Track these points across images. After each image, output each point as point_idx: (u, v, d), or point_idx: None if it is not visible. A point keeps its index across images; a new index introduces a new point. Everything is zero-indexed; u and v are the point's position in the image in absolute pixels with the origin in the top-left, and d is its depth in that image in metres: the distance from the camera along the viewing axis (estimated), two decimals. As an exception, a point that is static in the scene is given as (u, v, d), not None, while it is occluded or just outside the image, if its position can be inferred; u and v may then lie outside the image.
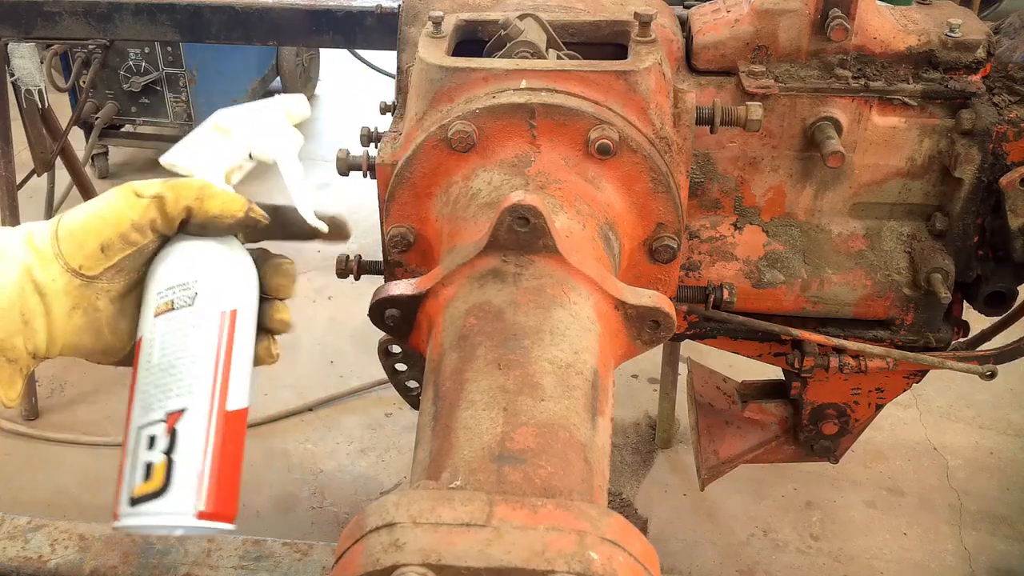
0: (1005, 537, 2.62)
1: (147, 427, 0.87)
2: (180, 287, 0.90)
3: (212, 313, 0.90)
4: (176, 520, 0.85)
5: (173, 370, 0.88)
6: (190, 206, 0.89)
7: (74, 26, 2.17)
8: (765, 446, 1.79)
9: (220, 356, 0.90)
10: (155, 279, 0.91)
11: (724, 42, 1.47)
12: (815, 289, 1.52)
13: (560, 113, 1.19)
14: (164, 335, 0.89)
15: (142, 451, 0.86)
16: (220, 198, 0.90)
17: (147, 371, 0.89)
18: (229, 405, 0.89)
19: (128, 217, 0.88)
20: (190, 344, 0.89)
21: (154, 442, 0.86)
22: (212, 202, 0.90)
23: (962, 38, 1.44)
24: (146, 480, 0.85)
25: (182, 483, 0.85)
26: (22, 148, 3.13)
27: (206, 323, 0.90)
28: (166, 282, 0.90)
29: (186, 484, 0.85)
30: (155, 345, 0.89)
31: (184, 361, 0.88)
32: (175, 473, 0.85)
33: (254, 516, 2.62)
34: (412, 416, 2.94)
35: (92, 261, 0.88)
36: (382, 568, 0.69)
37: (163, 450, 0.86)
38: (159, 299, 0.90)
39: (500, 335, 0.94)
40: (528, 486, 0.79)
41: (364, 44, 2.19)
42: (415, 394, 1.59)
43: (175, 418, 0.87)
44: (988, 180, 1.45)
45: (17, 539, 1.57)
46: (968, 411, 3.07)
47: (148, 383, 0.89)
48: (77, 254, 0.88)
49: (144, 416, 0.88)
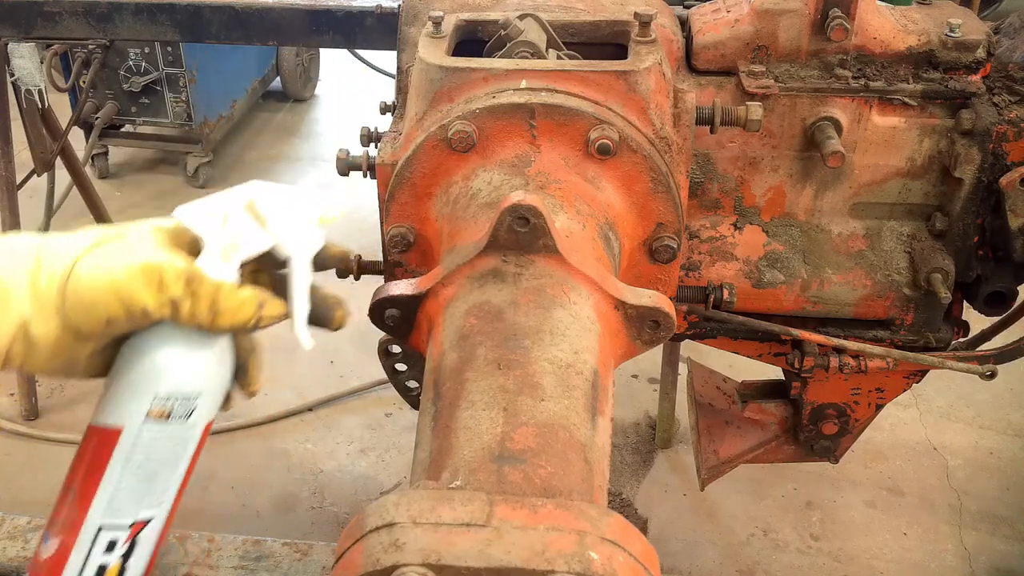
0: (1005, 537, 2.62)
1: (111, 530, 0.87)
2: (181, 398, 0.88)
3: (200, 428, 0.91)
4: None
5: (152, 481, 0.88)
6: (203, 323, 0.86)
7: (74, 26, 2.17)
8: (765, 446, 1.79)
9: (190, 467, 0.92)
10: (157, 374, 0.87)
11: (724, 42, 1.47)
12: (815, 289, 1.52)
13: (560, 113, 1.19)
14: (153, 442, 0.88)
15: (97, 552, 0.87)
16: (231, 313, 0.87)
17: (123, 471, 0.87)
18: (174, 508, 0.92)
19: (142, 302, 0.84)
20: (175, 459, 0.89)
21: (113, 547, 0.87)
22: (224, 319, 0.87)
23: (962, 38, 1.44)
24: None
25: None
26: (22, 148, 3.12)
27: (194, 439, 0.90)
28: (167, 387, 0.87)
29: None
30: (139, 447, 0.87)
31: (165, 475, 0.89)
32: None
33: (254, 516, 2.62)
34: (412, 416, 2.94)
35: (92, 329, 0.85)
36: (382, 568, 0.69)
37: (120, 555, 0.87)
38: (156, 402, 0.87)
39: (500, 335, 0.94)
40: (528, 486, 0.79)
41: (364, 44, 2.19)
42: (415, 394, 1.59)
43: (139, 527, 0.88)
44: (988, 180, 1.45)
45: (17, 539, 1.57)
46: (968, 411, 3.07)
47: (122, 485, 0.87)
48: (82, 319, 0.84)
49: (110, 517, 0.87)
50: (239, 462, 2.81)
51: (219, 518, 2.58)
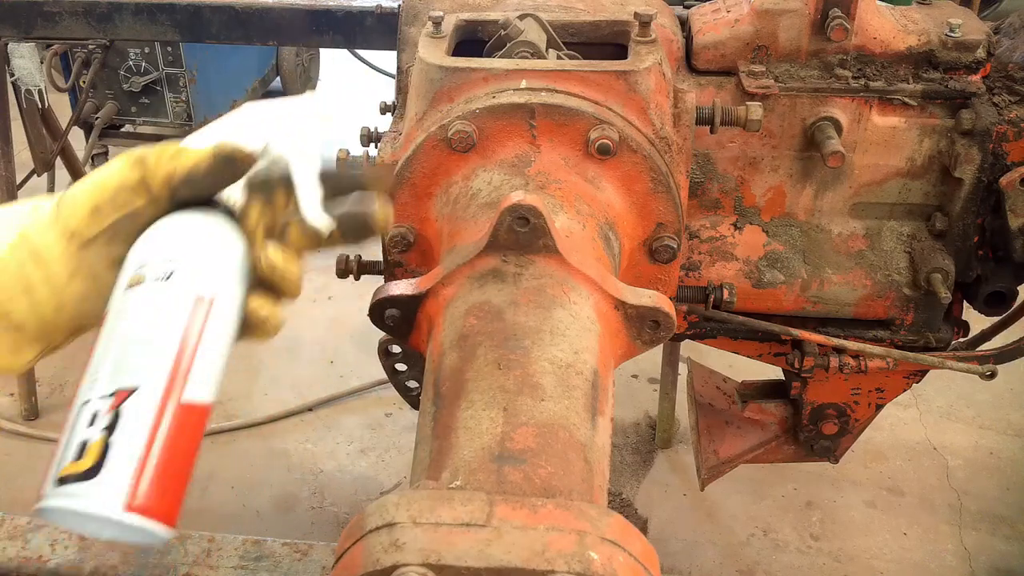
0: (1005, 537, 2.62)
1: (92, 402, 0.78)
2: (158, 261, 0.84)
3: (186, 295, 0.83)
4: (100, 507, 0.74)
5: (132, 347, 0.80)
6: (168, 171, 0.87)
7: (74, 26, 2.17)
8: (765, 446, 1.79)
9: (187, 342, 0.82)
10: (135, 250, 0.87)
11: (724, 42, 1.47)
12: (815, 289, 1.52)
13: (560, 113, 1.19)
14: (130, 309, 0.82)
15: (80, 427, 0.77)
16: (192, 153, 0.87)
17: (106, 345, 0.81)
18: (187, 395, 0.80)
19: (115, 179, 0.87)
20: (155, 321, 0.81)
21: (95, 419, 0.77)
22: (185, 157, 0.87)
23: (962, 38, 1.44)
24: (77, 458, 0.75)
25: (115, 466, 0.75)
26: (22, 148, 3.13)
27: (177, 303, 0.83)
28: (144, 255, 0.85)
29: (119, 469, 0.75)
30: (119, 318, 0.82)
31: (146, 337, 0.81)
32: (110, 454, 0.75)
33: (254, 516, 2.62)
34: (412, 416, 2.94)
35: (85, 224, 0.87)
36: (382, 568, 0.69)
37: (103, 427, 0.76)
38: (133, 270, 0.85)
39: (500, 335, 0.94)
40: (528, 486, 0.79)
41: (364, 44, 2.19)
42: (415, 394, 1.59)
43: (123, 396, 0.78)
44: (988, 180, 1.45)
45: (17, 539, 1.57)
46: (968, 411, 3.07)
47: (103, 357, 0.81)
48: (72, 218, 0.87)
49: (91, 390, 0.79)
50: (239, 462, 2.81)
51: (219, 518, 2.58)
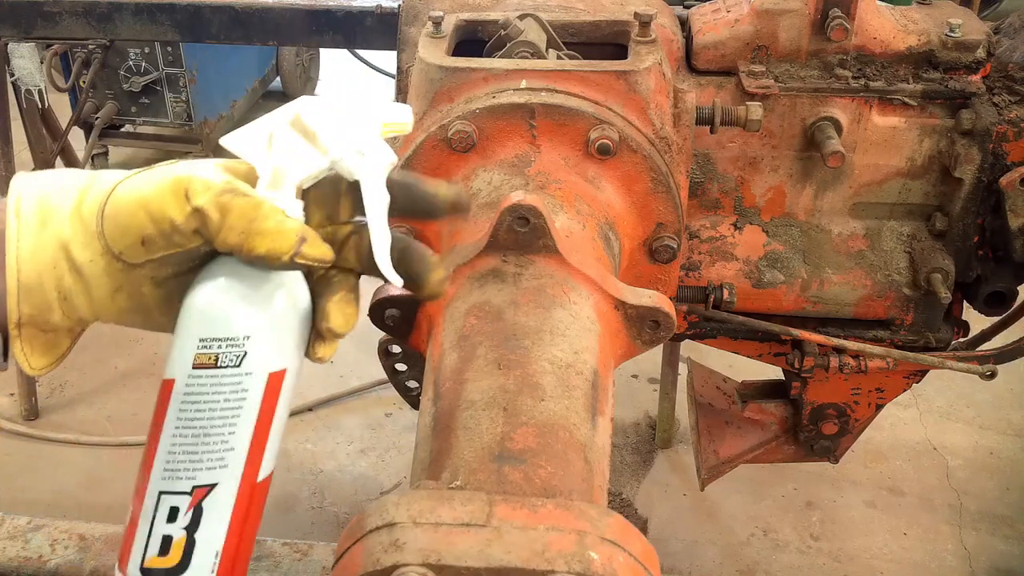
0: (1005, 537, 2.62)
1: (170, 495, 0.79)
2: (227, 341, 0.79)
3: (259, 377, 0.80)
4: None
5: (207, 438, 0.79)
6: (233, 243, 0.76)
7: (74, 26, 2.17)
8: (765, 446, 1.79)
9: (262, 425, 0.81)
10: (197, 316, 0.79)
11: (724, 42, 1.47)
12: (815, 289, 1.52)
13: (560, 113, 1.19)
14: (202, 393, 0.79)
15: (160, 521, 0.79)
16: (268, 236, 0.76)
17: (177, 429, 0.79)
18: (260, 476, 0.82)
19: (171, 219, 0.77)
20: (230, 412, 0.79)
21: (175, 515, 0.79)
22: (259, 241, 0.76)
23: (962, 38, 1.44)
24: (162, 554, 0.79)
25: (198, 564, 0.79)
26: (22, 148, 3.12)
27: (251, 389, 0.80)
28: (210, 330, 0.79)
29: (202, 565, 0.79)
30: (190, 401, 0.79)
31: (221, 430, 0.79)
32: (194, 554, 0.79)
33: (254, 516, 2.62)
34: (412, 416, 2.94)
35: (133, 252, 0.79)
36: (382, 568, 0.69)
37: (184, 527, 0.79)
38: (201, 347, 0.79)
39: (500, 335, 0.94)
40: (528, 486, 0.79)
41: (364, 44, 2.19)
42: (415, 394, 1.59)
43: (202, 493, 0.79)
44: (988, 180, 1.45)
45: (17, 539, 1.57)
46: (968, 411, 3.07)
47: (177, 444, 0.79)
48: (119, 241, 0.78)
49: (169, 483, 0.79)
50: (239, 462, 2.81)
51: (219, 518, 2.58)
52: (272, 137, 0.81)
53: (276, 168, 0.80)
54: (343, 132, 0.81)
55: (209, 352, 0.79)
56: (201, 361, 0.79)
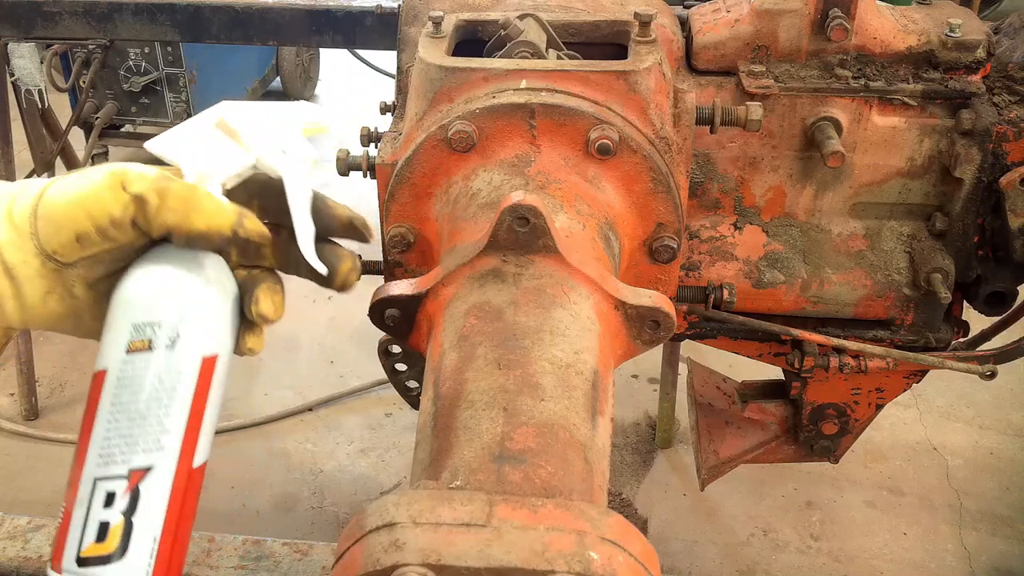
0: (1005, 537, 2.62)
1: (106, 480, 0.79)
2: (159, 324, 0.80)
3: (192, 360, 0.81)
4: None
5: (142, 421, 0.79)
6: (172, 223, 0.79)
7: (74, 26, 2.17)
8: (765, 446, 1.79)
9: (196, 409, 0.82)
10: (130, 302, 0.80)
11: (724, 42, 1.47)
12: (815, 289, 1.52)
13: (560, 113, 1.19)
14: (136, 377, 0.80)
15: (97, 507, 0.78)
16: (207, 213, 0.79)
17: (111, 414, 0.80)
18: (195, 462, 0.82)
19: (108, 211, 0.78)
20: (164, 394, 0.80)
21: (112, 500, 0.78)
22: (198, 217, 0.79)
23: (962, 38, 1.44)
24: (99, 540, 0.77)
25: (137, 550, 0.78)
26: (22, 148, 3.13)
27: (184, 371, 0.81)
28: (144, 315, 0.80)
29: (141, 551, 0.78)
30: (123, 386, 0.80)
31: (155, 412, 0.80)
32: (132, 538, 0.78)
33: (254, 516, 2.62)
34: (412, 416, 2.94)
35: (67, 250, 0.80)
36: (382, 568, 0.69)
37: (122, 511, 0.78)
38: (134, 333, 0.80)
39: (500, 335, 0.94)
40: (528, 486, 0.79)
41: (364, 44, 2.19)
42: (415, 394, 1.59)
43: (139, 476, 0.79)
44: (988, 180, 1.45)
45: (17, 539, 1.57)
46: (968, 411, 3.07)
47: (112, 430, 0.80)
48: (53, 239, 0.79)
49: (104, 468, 0.79)
50: (239, 462, 2.81)
51: (219, 518, 2.58)
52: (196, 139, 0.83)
53: (202, 168, 0.82)
54: (265, 132, 0.84)
55: (143, 337, 0.79)
56: (135, 346, 0.79)
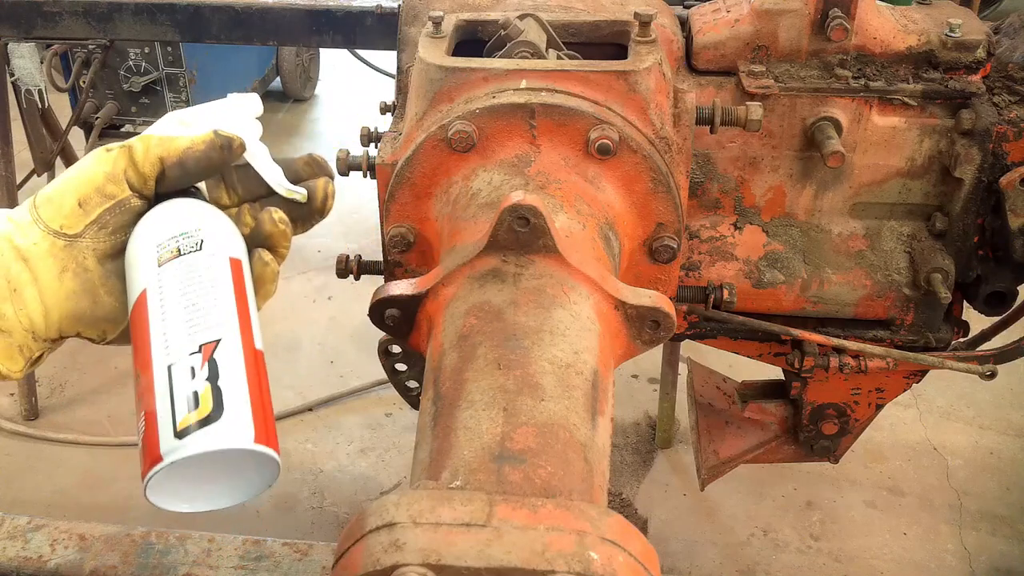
0: (1005, 537, 2.62)
1: (181, 361, 0.81)
2: (183, 235, 0.88)
3: (222, 257, 0.88)
4: (235, 443, 0.79)
5: (196, 308, 0.84)
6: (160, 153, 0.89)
7: (74, 26, 2.17)
8: (765, 446, 1.79)
9: (240, 296, 0.87)
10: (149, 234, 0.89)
11: (724, 42, 1.47)
12: (815, 289, 1.52)
13: (560, 113, 1.19)
14: (177, 280, 0.85)
15: (182, 383, 0.80)
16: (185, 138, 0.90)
17: (165, 314, 0.84)
18: (256, 343, 0.86)
19: (100, 171, 0.88)
20: (208, 284, 0.86)
21: (194, 372, 0.80)
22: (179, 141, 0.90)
23: (962, 38, 1.44)
24: (192, 408, 0.79)
25: (234, 407, 0.80)
26: (22, 148, 3.13)
27: (219, 266, 0.87)
28: (166, 232, 0.88)
29: (239, 408, 0.80)
30: (167, 291, 0.85)
31: (207, 299, 0.85)
32: (226, 398, 0.80)
33: (254, 516, 2.62)
34: (412, 416, 2.94)
35: (72, 219, 0.87)
36: (382, 568, 0.69)
37: (206, 378, 0.80)
38: (160, 250, 0.87)
39: (500, 335, 0.94)
40: (528, 486, 0.79)
41: (364, 44, 2.19)
42: (415, 394, 1.59)
43: (211, 348, 0.82)
44: (988, 180, 1.45)
45: (17, 539, 1.57)
46: (968, 411, 3.07)
47: (170, 324, 0.84)
48: (56, 215, 0.87)
49: (174, 354, 0.82)
50: (239, 462, 2.81)
51: (219, 518, 2.57)
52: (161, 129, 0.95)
53: None
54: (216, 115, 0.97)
55: (169, 248, 0.87)
56: (165, 257, 0.87)
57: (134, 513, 2.47)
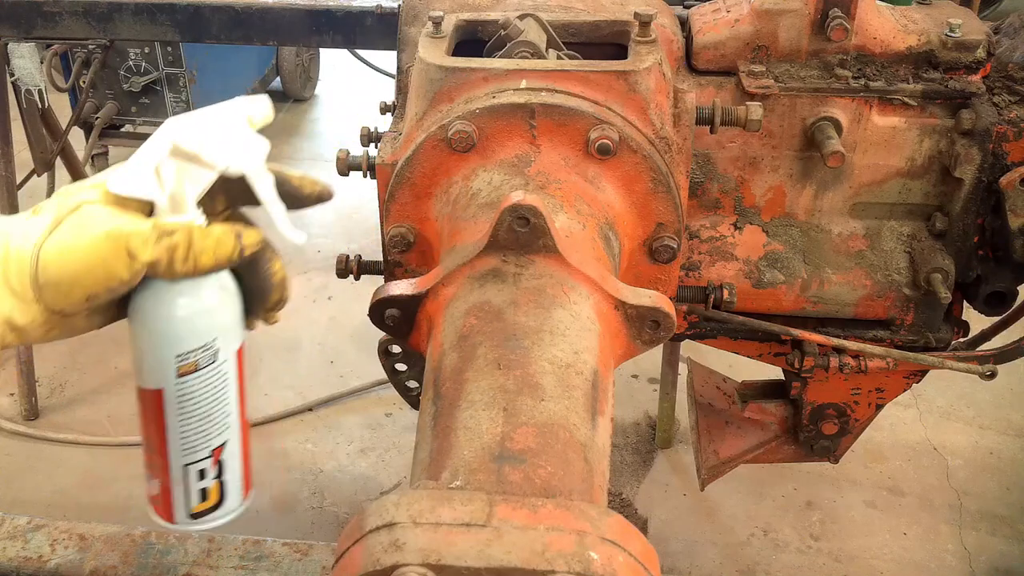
0: (1005, 537, 2.62)
1: (195, 464, 0.97)
2: (202, 348, 0.93)
3: (232, 360, 0.96)
4: (233, 515, 1.01)
5: (210, 418, 0.96)
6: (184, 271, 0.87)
7: (74, 26, 2.17)
8: (765, 446, 1.79)
9: (240, 386, 0.98)
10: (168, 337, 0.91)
11: (724, 42, 1.47)
12: (815, 289, 1.52)
13: (560, 113, 1.19)
14: (194, 392, 0.94)
15: (194, 482, 0.98)
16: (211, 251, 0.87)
17: (179, 419, 0.95)
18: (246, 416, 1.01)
19: (118, 277, 0.86)
20: (220, 395, 0.96)
21: (204, 474, 0.98)
22: (205, 258, 0.87)
23: (962, 38, 1.44)
24: (203, 501, 0.99)
25: (233, 492, 1.01)
26: (22, 148, 3.13)
27: (228, 371, 0.96)
28: (183, 345, 0.92)
29: (235, 490, 1.01)
30: (184, 399, 0.95)
31: (219, 408, 0.96)
32: (227, 489, 1.00)
33: (254, 516, 2.61)
34: (412, 416, 2.94)
35: (76, 307, 0.87)
36: (382, 568, 0.69)
37: (214, 477, 0.99)
38: (179, 360, 0.92)
39: (500, 335, 0.94)
40: (528, 486, 0.79)
41: (364, 44, 2.19)
42: (415, 394, 1.58)
43: (219, 452, 0.98)
44: (988, 180, 1.45)
45: (17, 539, 1.57)
46: (968, 411, 3.07)
47: (184, 430, 0.96)
48: (62, 302, 0.86)
49: (190, 456, 0.97)
50: (239, 462, 2.81)
51: (219, 518, 2.58)
52: (159, 170, 0.89)
53: (172, 195, 0.89)
54: (220, 142, 0.91)
55: (188, 362, 0.93)
56: (184, 369, 0.93)
57: (134, 513, 2.47)
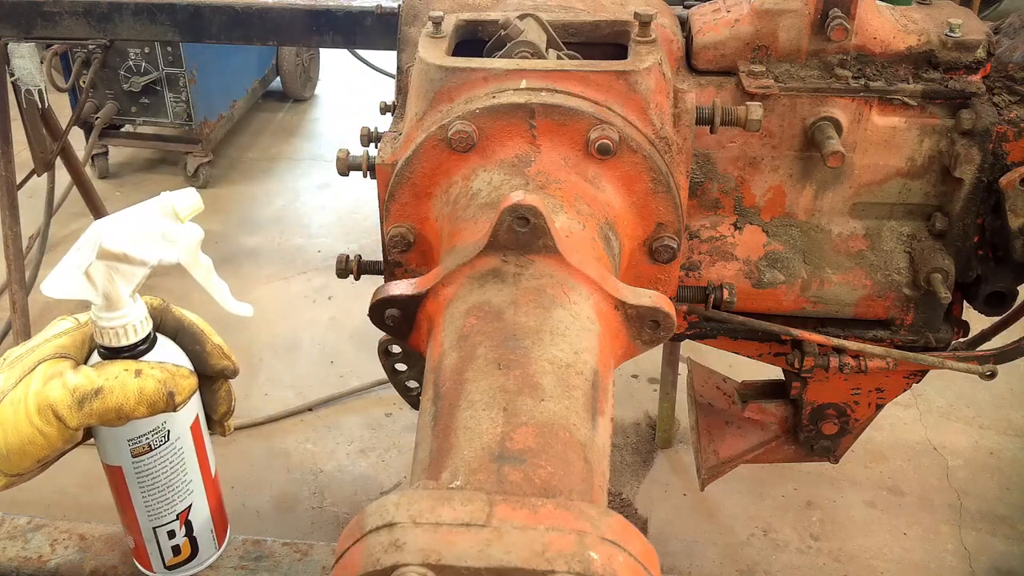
0: (1005, 537, 2.62)
1: (163, 527, 1.05)
2: (152, 432, 0.99)
3: (185, 436, 1.02)
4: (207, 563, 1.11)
5: (171, 488, 1.03)
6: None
7: (74, 26, 2.17)
8: (765, 446, 1.79)
9: (199, 455, 1.05)
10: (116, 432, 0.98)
11: (724, 42, 1.47)
12: (815, 289, 1.52)
13: (560, 113, 1.19)
14: (151, 469, 1.01)
15: (164, 541, 1.06)
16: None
17: (141, 491, 1.02)
18: (212, 473, 1.08)
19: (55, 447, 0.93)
20: (178, 466, 1.03)
21: (174, 534, 1.06)
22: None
23: (962, 38, 1.44)
24: (176, 555, 1.08)
25: (205, 545, 1.10)
26: (22, 148, 3.13)
27: (184, 447, 1.02)
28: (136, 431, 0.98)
29: (207, 543, 1.10)
30: (142, 475, 1.01)
31: (179, 478, 1.03)
32: (198, 543, 1.09)
33: (254, 516, 2.62)
34: (412, 416, 2.94)
35: (32, 470, 0.95)
36: (382, 568, 0.69)
37: (184, 535, 1.06)
38: (132, 444, 0.99)
39: (500, 335, 0.94)
40: (528, 486, 0.79)
41: (364, 44, 2.19)
42: (415, 394, 1.59)
43: (185, 513, 1.06)
44: (988, 180, 1.45)
45: (17, 539, 1.57)
46: (968, 411, 3.07)
47: (151, 500, 1.03)
48: (15, 468, 0.94)
49: (157, 520, 1.05)
50: (239, 462, 2.81)
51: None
52: (90, 274, 0.91)
53: (106, 293, 0.92)
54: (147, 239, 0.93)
55: (140, 444, 0.99)
56: (138, 451, 0.99)
57: (134, 513, 2.47)
